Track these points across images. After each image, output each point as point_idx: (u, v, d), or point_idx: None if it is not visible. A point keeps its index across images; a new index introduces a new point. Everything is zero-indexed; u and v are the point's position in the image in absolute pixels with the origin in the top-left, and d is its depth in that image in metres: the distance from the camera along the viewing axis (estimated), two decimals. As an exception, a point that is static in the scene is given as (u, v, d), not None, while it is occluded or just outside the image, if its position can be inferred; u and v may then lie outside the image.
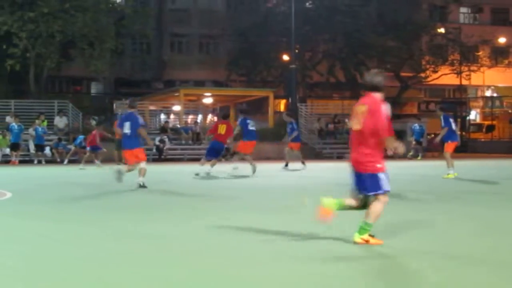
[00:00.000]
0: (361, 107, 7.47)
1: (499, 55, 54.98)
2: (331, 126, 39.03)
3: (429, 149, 37.80)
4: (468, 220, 9.63)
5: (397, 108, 54.24)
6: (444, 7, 53.31)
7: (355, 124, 7.49)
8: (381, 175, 7.33)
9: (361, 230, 7.33)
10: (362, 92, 7.88)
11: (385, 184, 7.34)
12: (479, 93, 58.59)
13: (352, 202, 7.55)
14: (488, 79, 54.72)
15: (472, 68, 49.87)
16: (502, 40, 54.17)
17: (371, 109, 7.36)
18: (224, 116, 21.33)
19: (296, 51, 41.14)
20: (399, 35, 46.69)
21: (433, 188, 15.31)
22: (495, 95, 57.42)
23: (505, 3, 58.21)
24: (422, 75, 48.90)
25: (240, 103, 43.16)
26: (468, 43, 48.58)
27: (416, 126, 35.45)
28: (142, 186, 15.12)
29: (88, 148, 26.43)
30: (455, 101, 54.20)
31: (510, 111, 53.60)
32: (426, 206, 11.34)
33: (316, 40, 48.12)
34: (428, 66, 48.39)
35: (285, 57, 46.02)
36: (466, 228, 8.86)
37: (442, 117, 18.63)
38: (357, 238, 7.32)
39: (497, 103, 55.83)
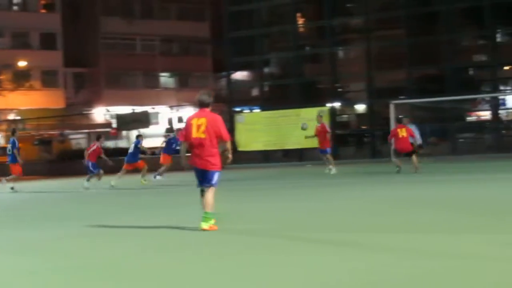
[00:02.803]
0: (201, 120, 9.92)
1: (21, 78, 55.28)
2: None
3: None
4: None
5: None
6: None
7: (200, 133, 9.82)
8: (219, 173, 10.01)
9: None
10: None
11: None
12: (3, 117, 58.13)
13: None
14: (12, 102, 54.62)
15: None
16: (23, 63, 54.74)
17: (210, 120, 9.91)
18: None
19: None
20: None
21: None
22: (18, 118, 57.55)
23: (25, 27, 58.62)
24: None
25: None
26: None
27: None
28: None
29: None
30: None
31: (33, 133, 54.27)
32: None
33: None
34: None
35: None
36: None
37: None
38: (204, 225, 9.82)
39: (21, 126, 56.07)
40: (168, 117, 53.84)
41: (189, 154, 10.30)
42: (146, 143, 51.39)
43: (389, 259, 7.20)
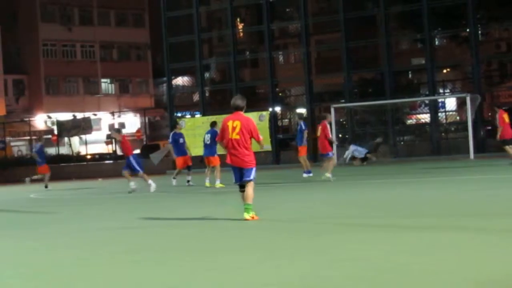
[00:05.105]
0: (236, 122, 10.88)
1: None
2: None
3: None
4: None
5: None
6: None
7: (235, 135, 10.80)
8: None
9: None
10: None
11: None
12: None
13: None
14: None
15: None
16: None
17: (244, 122, 10.91)
18: None
19: None
20: None
21: None
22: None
23: None
24: None
25: None
26: None
27: None
28: None
29: None
30: None
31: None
32: None
33: None
34: None
35: None
36: None
37: None
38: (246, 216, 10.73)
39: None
40: (109, 123, 53.17)
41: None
42: (89, 149, 51.18)
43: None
